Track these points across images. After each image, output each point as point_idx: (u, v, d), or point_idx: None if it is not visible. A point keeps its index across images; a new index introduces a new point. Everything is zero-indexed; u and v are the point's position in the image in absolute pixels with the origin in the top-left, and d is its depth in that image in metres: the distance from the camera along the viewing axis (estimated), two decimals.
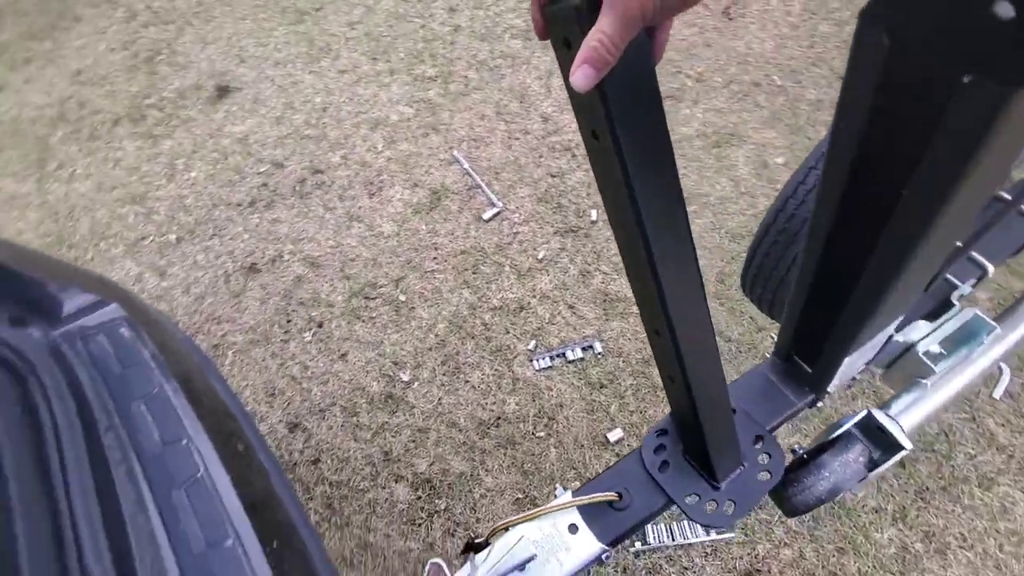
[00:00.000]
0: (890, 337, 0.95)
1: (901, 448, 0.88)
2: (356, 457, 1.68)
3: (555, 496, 0.88)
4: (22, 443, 0.77)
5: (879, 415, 0.91)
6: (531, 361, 1.79)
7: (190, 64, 2.98)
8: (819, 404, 0.97)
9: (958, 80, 0.37)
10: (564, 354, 1.78)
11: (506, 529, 0.85)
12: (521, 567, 0.81)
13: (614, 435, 1.62)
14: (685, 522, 1.46)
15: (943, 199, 0.45)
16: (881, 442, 0.91)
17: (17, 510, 0.73)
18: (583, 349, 1.78)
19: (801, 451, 0.96)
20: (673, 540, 1.44)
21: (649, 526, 1.47)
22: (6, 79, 3.09)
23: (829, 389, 0.91)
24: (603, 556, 0.83)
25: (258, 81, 2.83)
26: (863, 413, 0.93)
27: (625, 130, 0.40)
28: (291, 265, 2.13)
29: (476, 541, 0.88)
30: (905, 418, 0.92)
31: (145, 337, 0.94)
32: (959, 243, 0.95)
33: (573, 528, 0.83)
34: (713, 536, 1.44)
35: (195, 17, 3.26)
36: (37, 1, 3.53)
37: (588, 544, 0.81)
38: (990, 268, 1.01)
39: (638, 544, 1.45)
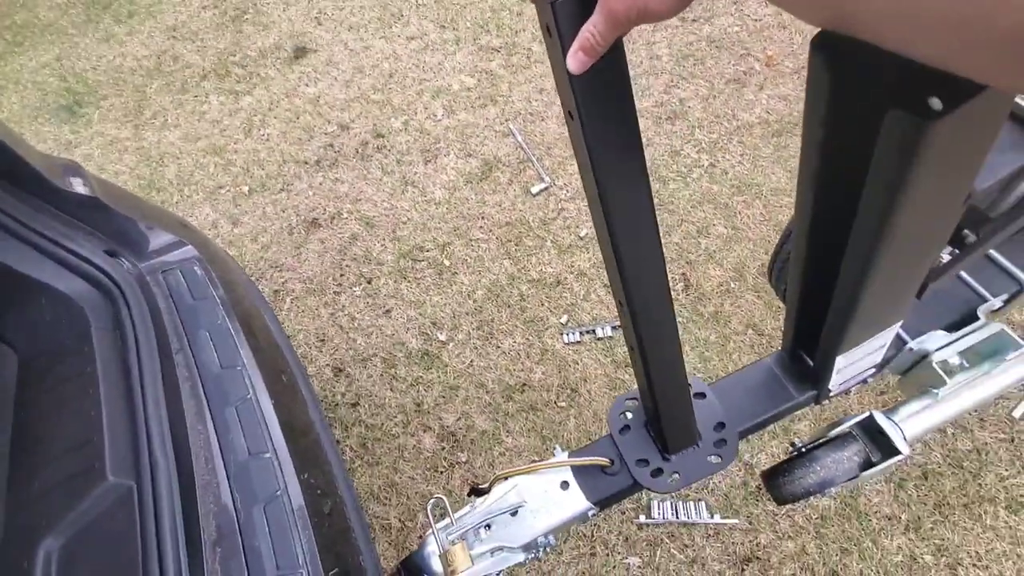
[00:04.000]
0: (904, 343, 0.96)
1: (898, 453, 0.90)
2: (391, 405, 1.83)
3: (553, 455, 0.96)
4: (112, 353, 0.93)
5: (880, 418, 0.92)
6: (561, 335, 1.86)
7: (272, 24, 3.14)
8: (823, 402, 0.99)
9: (883, 112, 0.40)
10: (594, 331, 1.84)
11: (506, 478, 0.94)
12: (513, 512, 0.90)
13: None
14: (691, 502, 1.52)
15: (888, 219, 0.48)
16: (880, 445, 0.93)
17: (104, 407, 0.89)
18: (613, 328, 1.83)
19: (800, 444, 0.99)
20: (677, 517, 1.50)
21: (655, 501, 1.53)
22: (112, 31, 3.38)
23: (831, 387, 0.93)
24: (589, 514, 0.91)
25: (332, 44, 2.96)
26: (865, 414, 0.94)
27: (591, 113, 0.46)
28: (348, 223, 2.28)
29: (480, 487, 0.98)
30: (909, 425, 0.93)
31: (214, 276, 1.08)
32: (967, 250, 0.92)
33: (565, 485, 0.91)
34: (717, 520, 1.48)
35: None
36: None
37: (576, 501, 0.90)
38: None
39: (642, 517, 1.51)
